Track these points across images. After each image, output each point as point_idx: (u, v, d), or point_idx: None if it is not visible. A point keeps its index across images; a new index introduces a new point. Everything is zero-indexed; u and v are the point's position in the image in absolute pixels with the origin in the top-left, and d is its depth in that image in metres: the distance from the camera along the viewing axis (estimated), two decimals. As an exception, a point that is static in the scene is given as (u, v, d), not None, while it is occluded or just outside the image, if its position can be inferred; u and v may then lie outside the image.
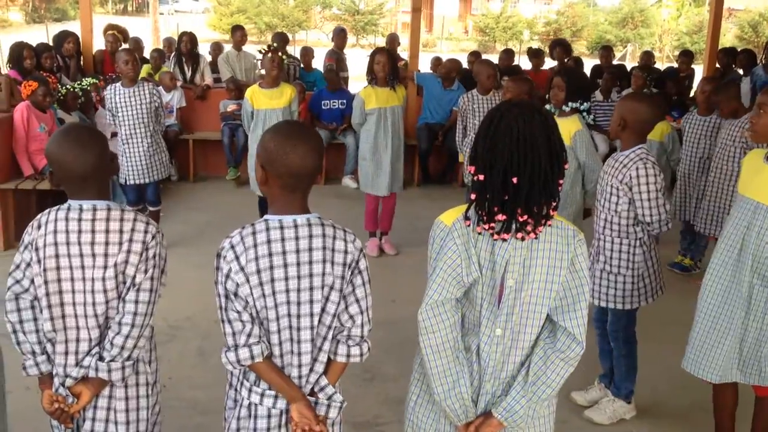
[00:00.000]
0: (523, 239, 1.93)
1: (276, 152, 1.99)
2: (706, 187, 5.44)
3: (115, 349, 2.17)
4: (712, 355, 2.97)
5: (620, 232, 3.35)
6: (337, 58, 9.51)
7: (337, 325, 2.07)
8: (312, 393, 2.09)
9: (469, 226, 1.96)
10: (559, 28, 38.44)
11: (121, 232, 2.16)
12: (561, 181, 1.94)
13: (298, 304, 2.02)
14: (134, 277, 2.17)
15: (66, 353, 2.20)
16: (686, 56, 10.09)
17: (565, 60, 8.98)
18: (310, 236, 2.02)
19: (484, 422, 2.04)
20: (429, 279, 2.01)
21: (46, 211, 2.20)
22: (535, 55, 9.95)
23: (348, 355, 2.08)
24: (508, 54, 10.11)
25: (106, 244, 2.15)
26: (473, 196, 1.95)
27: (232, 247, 2.00)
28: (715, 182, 5.29)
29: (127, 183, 5.79)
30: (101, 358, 2.18)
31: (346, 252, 2.04)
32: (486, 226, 1.93)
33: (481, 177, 1.92)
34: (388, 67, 5.77)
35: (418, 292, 2.13)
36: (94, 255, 2.14)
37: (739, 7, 36.73)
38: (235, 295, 1.99)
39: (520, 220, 1.90)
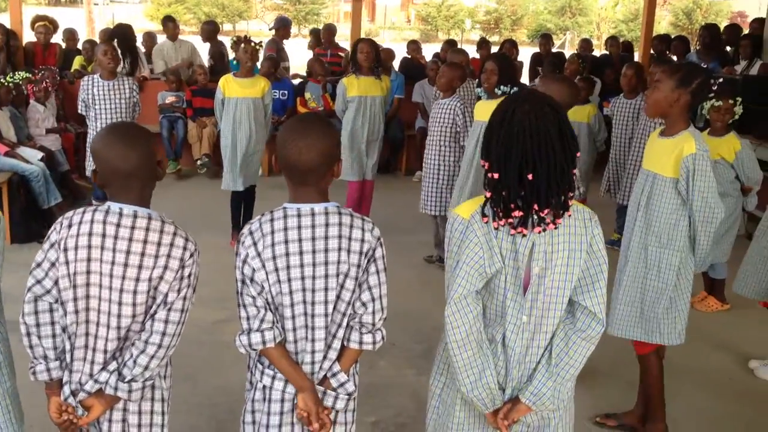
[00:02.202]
0: (544, 230, 1.94)
1: (279, 145, 2.05)
2: (629, 163, 5.67)
3: (138, 368, 2.03)
4: (615, 312, 3.18)
5: None
6: (276, 48, 9.40)
7: (351, 313, 2.08)
8: (324, 379, 2.10)
9: (487, 222, 1.96)
10: (500, 17, 38.86)
11: (159, 245, 2.03)
12: (574, 170, 1.95)
13: (313, 291, 2.04)
14: (167, 295, 2.04)
15: (84, 360, 2.07)
16: (614, 42, 10.45)
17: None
18: (327, 224, 2.04)
19: (512, 408, 2.05)
20: (452, 274, 1.99)
21: (80, 209, 2.06)
22: (482, 45, 10.06)
23: (360, 342, 2.09)
24: (448, 43, 10.17)
25: (142, 255, 2.01)
26: (488, 194, 1.94)
27: (251, 233, 2.04)
28: (635, 158, 5.58)
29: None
30: (121, 376, 2.04)
31: (363, 240, 2.06)
32: (503, 222, 1.93)
33: (496, 175, 1.91)
34: (372, 56, 5.77)
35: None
36: (126, 265, 2.01)
37: (673, -5, 37.68)
38: (251, 280, 2.02)
39: (539, 215, 1.90)
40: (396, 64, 9.41)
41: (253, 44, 5.73)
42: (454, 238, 2.01)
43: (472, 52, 10.49)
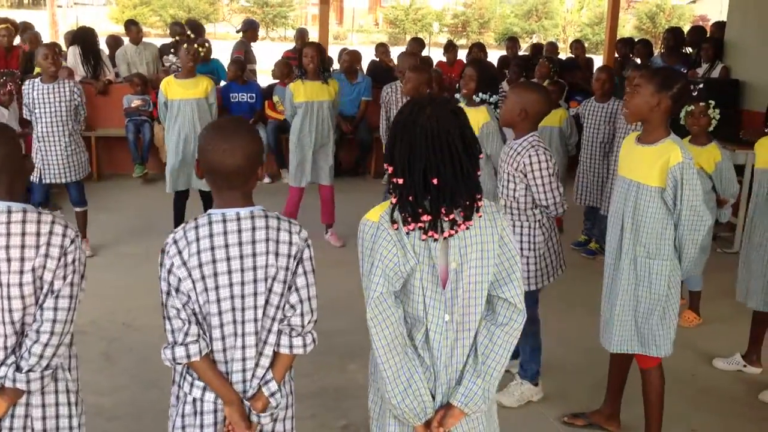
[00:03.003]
0: (456, 232, 1.93)
1: (203, 148, 2.01)
2: (609, 171, 5.66)
3: (33, 359, 2.04)
4: (610, 327, 3.14)
5: (520, 216, 3.44)
6: (244, 51, 9.35)
7: (281, 317, 2.05)
8: (258, 389, 2.07)
9: (397, 229, 1.93)
10: (467, 20, 39.09)
11: (38, 235, 2.03)
12: (479, 172, 1.95)
13: (242, 297, 2.00)
14: (52, 283, 2.05)
15: None
16: (578, 44, 10.64)
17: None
18: (253, 228, 2.00)
19: (446, 414, 2.02)
20: (368, 276, 1.97)
21: None
22: (449, 48, 10.10)
23: (291, 346, 2.06)
24: (417, 42, 10.18)
25: (22, 247, 2.01)
26: (394, 200, 1.93)
27: (175, 242, 1.99)
28: (616, 166, 5.51)
29: (40, 181, 5.56)
30: (18, 368, 2.05)
31: (290, 243, 2.04)
32: (412, 227, 1.92)
33: (401, 180, 1.90)
34: (317, 60, 5.73)
35: (336, 281, 2.11)
36: (9, 259, 2.01)
37: (637, -2, 38.25)
38: (177, 290, 1.98)
39: (447, 219, 1.90)
40: (364, 66, 9.43)
41: (195, 45, 5.70)
42: (365, 241, 1.98)
43: (440, 56, 10.56)
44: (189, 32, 6.56)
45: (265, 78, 9.54)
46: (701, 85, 3.39)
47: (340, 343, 4.03)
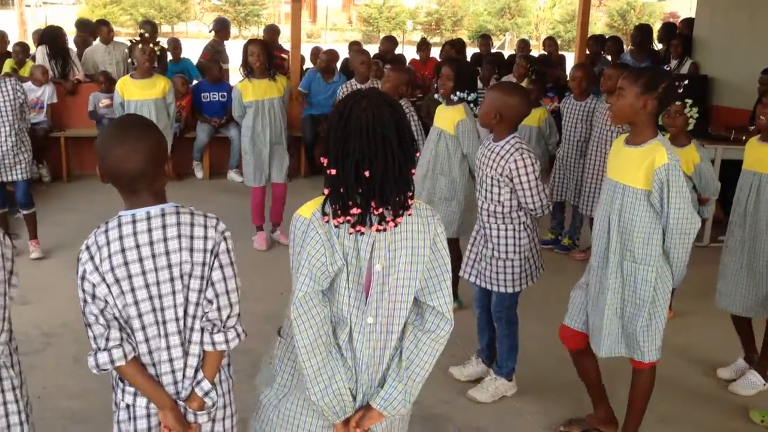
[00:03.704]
0: (385, 230, 1.92)
1: (99, 156, 1.95)
2: (585, 169, 5.69)
3: None
4: (599, 332, 3.09)
5: (504, 219, 3.42)
6: (215, 51, 9.29)
7: (202, 313, 2.02)
8: (192, 391, 2.04)
9: (327, 222, 1.92)
10: (441, 18, 39.18)
11: None
12: (413, 170, 1.93)
13: (160, 297, 1.96)
14: None
15: None
16: (552, 42, 10.71)
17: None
18: (164, 226, 1.96)
19: (364, 415, 2.01)
20: (295, 275, 1.96)
21: None
22: (422, 46, 10.09)
23: (213, 343, 2.03)
24: (390, 40, 10.17)
25: None
26: (326, 191, 1.92)
27: (87, 248, 1.95)
28: (592, 164, 5.56)
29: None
30: None
31: (206, 237, 1.99)
32: (341, 220, 1.90)
33: (334, 171, 1.89)
34: (263, 58, 5.65)
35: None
36: None
37: (608, -4, 38.61)
38: (93, 296, 1.93)
39: (376, 213, 1.89)
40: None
41: (151, 45, 5.63)
42: (296, 238, 1.96)
43: (413, 53, 10.56)
44: (144, 32, 6.48)
45: (237, 77, 9.47)
46: (686, 82, 3.33)
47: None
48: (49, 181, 7.82)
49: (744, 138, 6.32)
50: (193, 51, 10.35)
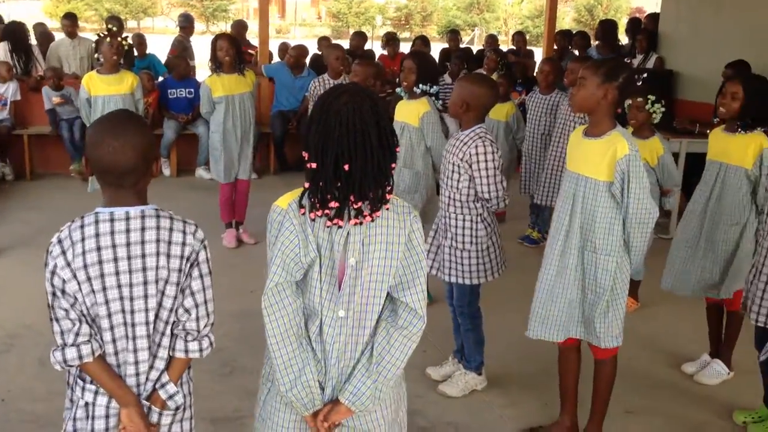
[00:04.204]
0: (361, 224, 1.92)
1: (90, 146, 1.92)
2: (546, 160, 5.74)
3: None
4: (551, 318, 3.13)
5: (462, 209, 3.45)
6: (182, 47, 9.19)
7: (175, 320, 2.00)
8: (153, 392, 2.02)
9: (303, 214, 1.92)
10: (410, 13, 39.21)
11: None
12: (393, 165, 1.94)
13: (132, 299, 1.93)
14: None
15: None
16: (520, 37, 10.81)
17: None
18: (143, 229, 1.93)
19: (332, 409, 2.01)
20: (269, 264, 1.96)
21: None
22: (389, 42, 10.08)
23: (186, 351, 2.01)
24: (360, 36, 10.15)
25: None
26: (306, 184, 1.92)
27: (60, 241, 1.90)
28: (553, 155, 5.61)
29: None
30: None
31: (184, 244, 1.97)
32: (319, 213, 1.90)
33: (314, 165, 1.89)
34: (233, 52, 5.58)
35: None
36: None
37: (575, -9, 38.95)
38: (63, 292, 1.89)
39: (354, 207, 1.89)
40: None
41: (118, 39, 5.54)
42: (272, 228, 1.96)
43: (380, 49, 10.55)
44: (110, 26, 6.37)
45: (204, 73, 9.38)
46: (645, 75, 3.36)
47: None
48: (12, 179, 7.68)
49: (708, 132, 6.46)
50: (159, 47, 10.24)
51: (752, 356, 3.43)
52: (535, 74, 8.02)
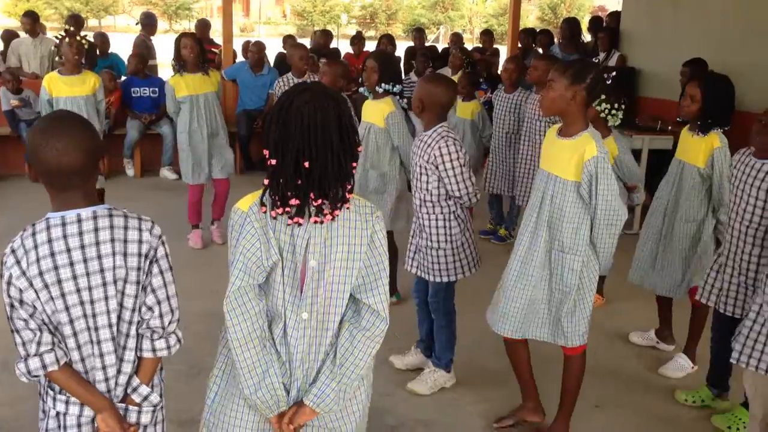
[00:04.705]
0: (321, 222, 1.91)
1: (33, 151, 1.86)
2: (517, 161, 5.79)
3: None
4: (507, 313, 3.17)
5: (434, 208, 3.46)
6: (145, 46, 9.07)
7: (139, 320, 1.97)
8: (126, 396, 1.99)
9: (264, 212, 1.91)
10: (375, 11, 39.22)
11: None
12: (354, 164, 1.93)
13: (92, 303, 1.90)
14: None
15: None
16: (487, 35, 10.83)
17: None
18: (96, 230, 1.88)
19: (297, 411, 2.00)
20: (231, 267, 1.94)
21: None
22: (356, 40, 10.08)
23: (153, 350, 1.98)
24: (325, 34, 10.12)
25: None
26: (266, 182, 1.90)
27: (13, 251, 1.86)
28: (525, 155, 5.66)
29: None
30: None
31: (140, 241, 1.93)
32: (280, 210, 1.89)
33: (274, 162, 1.88)
34: (197, 50, 5.52)
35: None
36: None
37: (539, -10, 39.32)
38: (21, 302, 1.85)
39: (315, 204, 1.88)
40: (271, 58, 9.30)
41: (78, 38, 5.45)
42: (234, 231, 1.95)
43: (348, 47, 10.54)
44: (70, 26, 6.27)
45: (168, 72, 9.29)
46: (614, 73, 3.40)
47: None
48: (-29, 181, 7.52)
49: (669, 128, 6.57)
50: (122, 46, 10.10)
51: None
52: (499, 73, 8.09)
